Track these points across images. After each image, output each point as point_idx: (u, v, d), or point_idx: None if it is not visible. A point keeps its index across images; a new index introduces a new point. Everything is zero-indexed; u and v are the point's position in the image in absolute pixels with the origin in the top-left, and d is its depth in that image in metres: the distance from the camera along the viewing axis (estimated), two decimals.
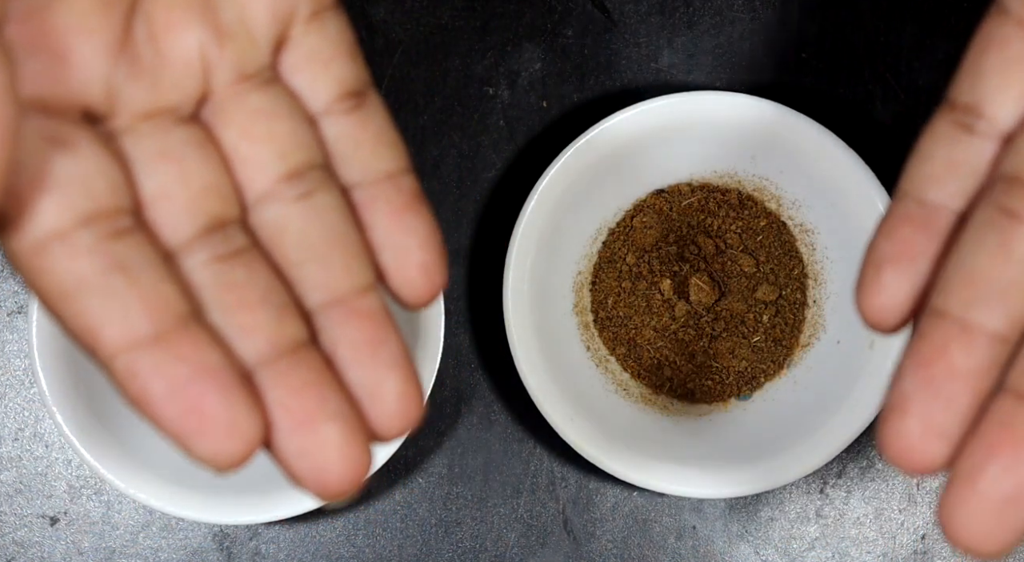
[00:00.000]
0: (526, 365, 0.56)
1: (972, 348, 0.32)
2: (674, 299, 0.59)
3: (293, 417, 0.31)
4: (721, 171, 0.59)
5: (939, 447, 0.31)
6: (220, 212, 0.32)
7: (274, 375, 0.31)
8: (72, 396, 0.55)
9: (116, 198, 0.31)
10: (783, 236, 0.59)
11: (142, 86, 0.32)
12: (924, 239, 0.33)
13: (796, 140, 0.57)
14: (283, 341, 0.31)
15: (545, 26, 0.61)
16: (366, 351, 0.32)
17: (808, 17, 0.61)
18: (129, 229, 0.31)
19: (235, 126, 0.33)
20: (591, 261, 0.60)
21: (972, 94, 0.34)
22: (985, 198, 0.33)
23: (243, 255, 0.32)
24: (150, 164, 0.32)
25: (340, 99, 0.34)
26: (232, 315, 0.31)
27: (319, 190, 0.33)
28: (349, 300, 0.32)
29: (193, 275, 0.32)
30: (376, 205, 0.33)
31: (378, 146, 0.34)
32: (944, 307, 0.32)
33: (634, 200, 0.60)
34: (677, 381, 0.59)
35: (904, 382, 0.32)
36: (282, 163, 0.33)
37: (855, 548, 0.60)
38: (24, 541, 0.60)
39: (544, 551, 0.60)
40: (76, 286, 0.30)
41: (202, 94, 0.33)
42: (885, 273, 0.33)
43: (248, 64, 0.33)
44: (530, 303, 0.57)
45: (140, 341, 0.30)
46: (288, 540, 0.60)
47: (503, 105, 0.61)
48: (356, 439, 0.31)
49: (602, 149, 0.57)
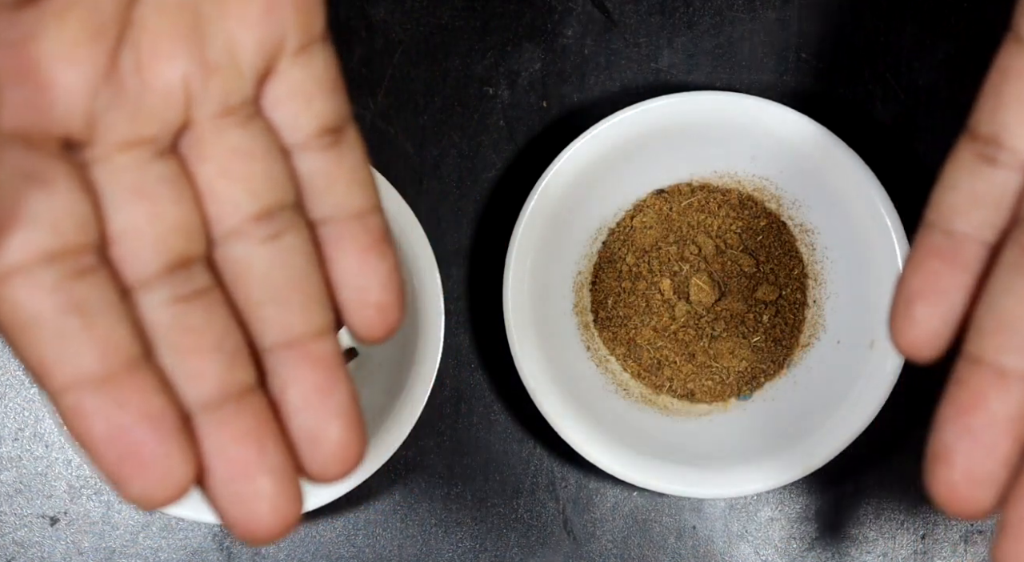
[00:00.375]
0: (526, 365, 0.56)
1: (1008, 394, 0.32)
2: (674, 299, 0.59)
3: (230, 466, 0.32)
4: (721, 171, 0.59)
5: (985, 493, 0.32)
6: (186, 250, 0.32)
7: (216, 422, 0.32)
8: None
9: (83, 236, 0.31)
10: (783, 236, 0.59)
11: (122, 116, 0.32)
12: (953, 272, 0.34)
13: (796, 140, 0.57)
14: (230, 387, 0.32)
15: (545, 26, 0.61)
16: (314, 398, 0.33)
17: (808, 17, 0.61)
18: (92, 268, 0.31)
19: (212, 163, 0.33)
20: (591, 261, 0.60)
21: (992, 125, 0.34)
22: (1012, 239, 0.33)
23: (203, 296, 0.32)
24: (122, 200, 0.32)
25: (318, 135, 0.34)
26: (184, 359, 0.32)
27: (287, 232, 0.33)
28: (303, 343, 0.33)
29: (151, 314, 0.32)
30: (342, 243, 0.34)
31: (351, 184, 0.34)
32: (978, 353, 0.33)
33: (634, 200, 0.60)
34: (677, 381, 0.59)
35: (945, 432, 0.33)
36: (254, 203, 0.33)
37: (855, 548, 0.60)
38: (24, 541, 0.60)
39: (544, 551, 0.60)
40: (32, 322, 0.31)
41: (182, 124, 0.33)
42: (916, 308, 0.34)
43: (231, 96, 0.33)
44: (530, 303, 0.57)
45: (87, 381, 0.31)
46: (288, 540, 0.60)
47: (503, 105, 0.61)
48: (290, 492, 0.32)
49: (602, 149, 0.57)
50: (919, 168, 0.60)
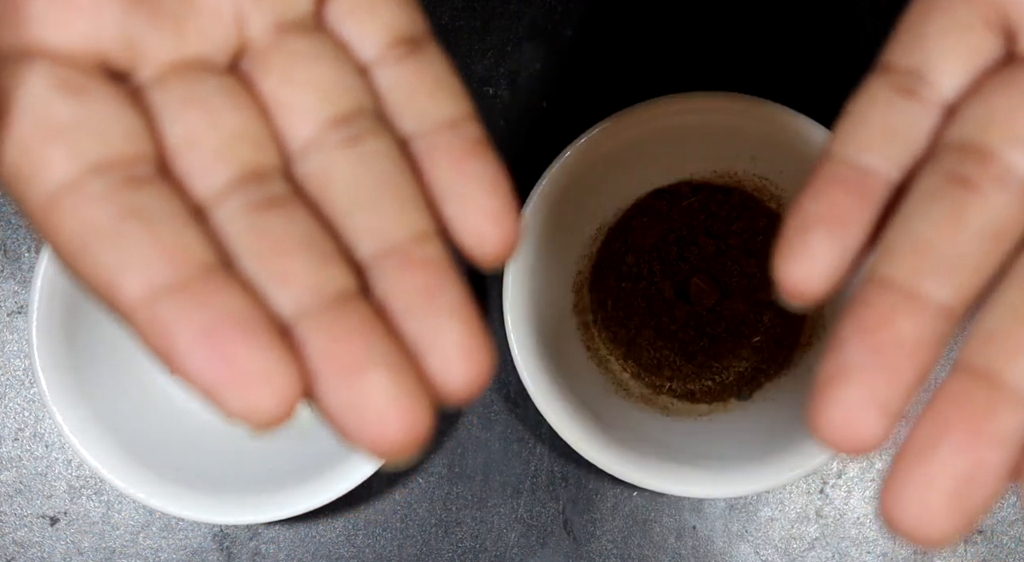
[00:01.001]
0: (526, 365, 0.56)
1: (920, 318, 0.29)
2: (674, 299, 0.59)
3: (337, 365, 0.28)
4: (721, 171, 0.59)
5: (880, 421, 0.29)
6: (256, 161, 0.30)
7: (316, 325, 0.28)
8: (72, 396, 0.55)
9: (134, 145, 0.29)
10: None
11: (167, 36, 0.30)
12: (857, 203, 0.31)
13: (796, 140, 0.57)
14: (327, 291, 0.29)
15: (545, 26, 0.61)
16: (421, 300, 0.29)
17: (808, 17, 0.61)
18: (150, 177, 0.29)
19: (275, 72, 0.30)
20: (591, 261, 0.60)
21: (913, 58, 0.32)
22: (931, 165, 0.31)
23: (282, 203, 0.29)
24: (175, 110, 0.30)
25: (392, 46, 0.31)
26: (267, 262, 0.29)
27: (368, 135, 0.30)
28: (403, 249, 0.29)
29: (225, 226, 0.29)
30: (435, 155, 0.31)
31: (436, 92, 0.31)
32: (889, 274, 0.30)
33: (634, 200, 0.60)
34: (677, 381, 0.60)
35: (844, 350, 0.29)
36: (327, 108, 0.30)
37: (855, 548, 0.60)
38: (24, 541, 0.60)
39: (544, 551, 0.60)
40: (91, 236, 0.28)
41: (238, 45, 0.31)
42: (813, 236, 0.30)
43: (287, 13, 0.31)
44: (530, 303, 0.57)
45: (161, 290, 0.28)
46: (288, 540, 0.60)
47: (503, 105, 0.61)
48: (410, 389, 0.28)
49: (602, 149, 0.57)
50: None
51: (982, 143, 0.31)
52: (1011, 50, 0.32)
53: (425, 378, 0.29)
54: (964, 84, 0.32)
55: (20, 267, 0.61)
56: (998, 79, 0.32)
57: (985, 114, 0.31)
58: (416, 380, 0.28)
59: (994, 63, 0.32)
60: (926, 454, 0.29)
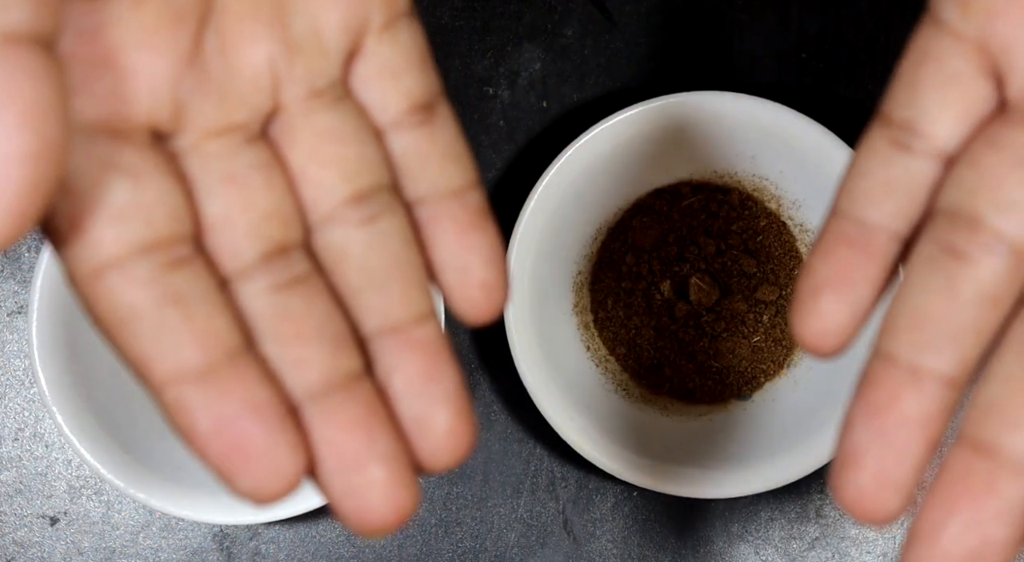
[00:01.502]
0: (526, 365, 0.56)
1: (923, 395, 0.31)
2: (674, 299, 0.59)
3: (340, 456, 0.31)
4: (721, 171, 0.59)
5: (895, 498, 0.31)
6: (282, 238, 0.32)
7: (324, 411, 0.31)
8: (72, 396, 0.55)
9: (176, 226, 0.31)
10: (783, 236, 0.59)
11: (210, 102, 0.32)
12: (863, 261, 0.32)
13: (796, 140, 0.57)
14: (336, 375, 0.31)
15: (545, 26, 0.61)
16: (419, 384, 0.32)
17: (808, 17, 0.61)
18: (187, 259, 0.31)
19: (303, 147, 0.32)
20: (591, 261, 0.60)
21: (908, 111, 0.33)
22: (927, 233, 0.32)
23: (302, 283, 0.32)
24: (214, 188, 0.31)
25: (409, 112, 0.33)
26: (286, 347, 0.31)
27: (384, 214, 0.32)
28: (405, 329, 0.32)
29: (250, 303, 0.31)
30: (440, 223, 0.33)
31: (445, 161, 0.33)
32: (893, 351, 0.31)
33: (634, 200, 0.60)
34: (677, 381, 0.60)
35: (855, 432, 0.31)
36: (348, 186, 0.32)
37: (855, 548, 0.60)
38: (24, 541, 0.60)
39: (544, 551, 0.60)
40: (130, 316, 0.30)
41: (271, 109, 0.32)
42: (823, 298, 0.32)
43: (319, 78, 0.32)
44: (530, 303, 0.57)
45: (190, 374, 0.30)
46: (288, 540, 0.60)
47: (503, 105, 0.61)
48: (403, 480, 0.31)
49: (602, 149, 0.57)
50: None
51: (971, 210, 0.32)
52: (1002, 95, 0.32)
53: (414, 460, 0.32)
54: (959, 134, 0.32)
55: (20, 267, 0.61)
56: (985, 139, 0.32)
57: (972, 179, 0.32)
58: (409, 468, 0.31)
59: (987, 110, 0.32)
60: (935, 534, 0.30)
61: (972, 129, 0.32)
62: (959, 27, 0.32)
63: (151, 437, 0.56)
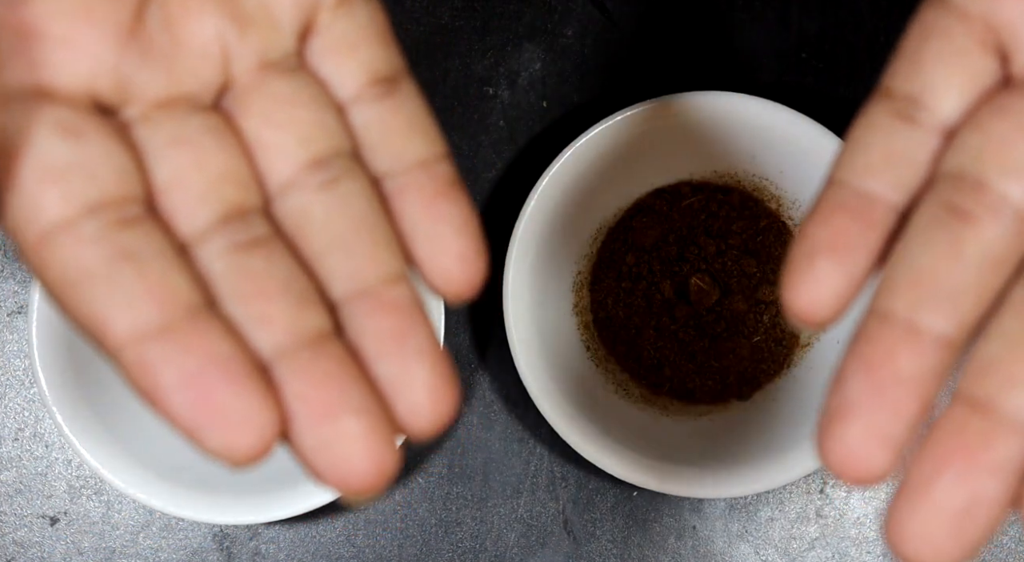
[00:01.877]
0: (526, 365, 0.56)
1: (920, 352, 0.30)
2: (674, 299, 0.59)
3: (312, 409, 0.29)
4: (721, 171, 0.59)
5: (884, 455, 0.30)
6: (239, 200, 0.31)
7: (293, 367, 0.30)
8: (72, 396, 0.55)
9: (125, 186, 0.30)
10: (783, 236, 0.59)
11: (156, 74, 0.31)
12: (861, 229, 0.31)
13: (796, 140, 0.57)
14: (304, 332, 0.30)
15: (545, 26, 0.61)
16: (393, 343, 0.30)
17: (808, 17, 0.61)
18: (139, 218, 0.30)
19: (256, 113, 0.32)
20: (591, 261, 0.60)
21: (912, 84, 0.33)
22: (930, 195, 0.32)
23: (263, 244, 0.31)
24: (163, 150, 0.31)
25: (369, 85, 0.32)
26: (248, 304, 0.30)
27: (344, 177, 0.31)
28: (376, 291, 0.31)
29: (209, 265, 0.30)
30: (407, 194, 0.32)
31: (410, 133, 0.32)
32: (890, 308, 0.31)
33: (634, 200, 0.60)
34: (677, 381, 0.59)
35: (847, 386, 0.30)
36: (305, 150, 0.31)
37: (855, 548, 0.60)
38: (24, 541, 0.60)
39: (544, 551, 0.60)
40: (81, 276, 0.29)
41: (222, 82, 0.32)
42: (819, 263, 0.31)
43: (271, 51, 0.32)
44: (530, 303, 0.57)
45: (148, 332, 0.29)
46: (288, 540, 0.60)
47: (503, 105, 0.61)
48: (380, 433, 0.30)
49: (602, 149, 0.57)
50: None
51: (977, 173, 0.31)
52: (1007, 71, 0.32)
53: (393, 419, 0.30)
54: (963, 108, 0.32)
55: (20, 267, 0.61)
56: (992, 106, 0.32)
57: (979, 143, 0.32)
58: (386, 423, 0.30)
59: (992, 85, 0.32)
60: (926, 486, 0.30)
61: (976, 103, 0.32)
62: (964, 5, 0.33)
63: (151, 437, 0.56)
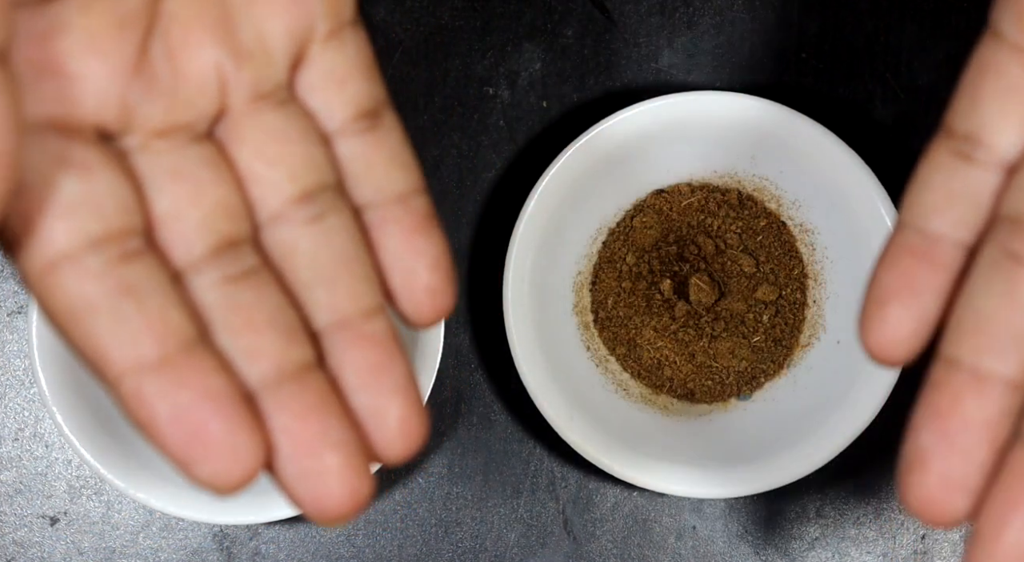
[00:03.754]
0: (526, 365, 0.56)
1: (986, 398, 0.32)
2: (674, 299, 0.59)
3: (295, 443, 0.31)
4: (721, 171, 0.59)
5: (960, 500, 0.32)
6: (231, 231, 0.32)
7: (278, 399, 0.32)
8: (72, 396, 0.55)
9: (127, 219, 0.31)
10: (783, 236, 0.59)
11: (158, 104, 0.32)
12: (928, 271, 0.33)
13: (796, 140, 0.57)
14: (289, 364, 0.32)
15: (545, 26, 0.61)
16: (370, 377, 0.32)
17: (808, 17, 0.61)
18: (139, 251, 0.31)
19: (249, 146, 0.33)
20: (591, 261, 0.60)
21: (970, 122, 0.33)
22: (990, 239, 0.33)
23: (253, 276, 0.32)
24: (163, 183, 0.32)
25: (355, 119, 0.34)
26: (239, 337, 0.32)
27: (330, 212, 0.33)
28: (355, 324, 0.33)
29: (202, 295, 0.32)
30: (386, 226, 0.34)
31: (391, 167, 0.34)
32: (956, 355, 0.32)
33: (634, 200, 0.60)
34: (677, 381, 0.59)
35: (920, 435, 0.32)
36: (294, 184, 0.33)
37: (855, 548, 0.60)
38: (24, 541, 0.60)
39: (544, 551, 0.60)
40: (84, 308, 0.31)
41: (218, 111, 0.33)
42: (889, 308, 0.33)
43: (264, 83, 0.33)
44: (530, 303, 0.57)
45: (146, 365, 0.31)
46: (288, 540, 0.60)
47: (503, 105, 0.61)
48: (357, 465, 0.32)
49: (602, 149, 0.57)
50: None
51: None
52: None
53: (369, 449, 0.32)
54: (1021, 142, 0.33)
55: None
56: None
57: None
58: (362, 455, 0.32)
59: None
60: (997, 533, 0.31)
61: None
62: (1018, 40, 0.33)
63: None
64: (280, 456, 0.31)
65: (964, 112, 0.34)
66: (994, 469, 0.32)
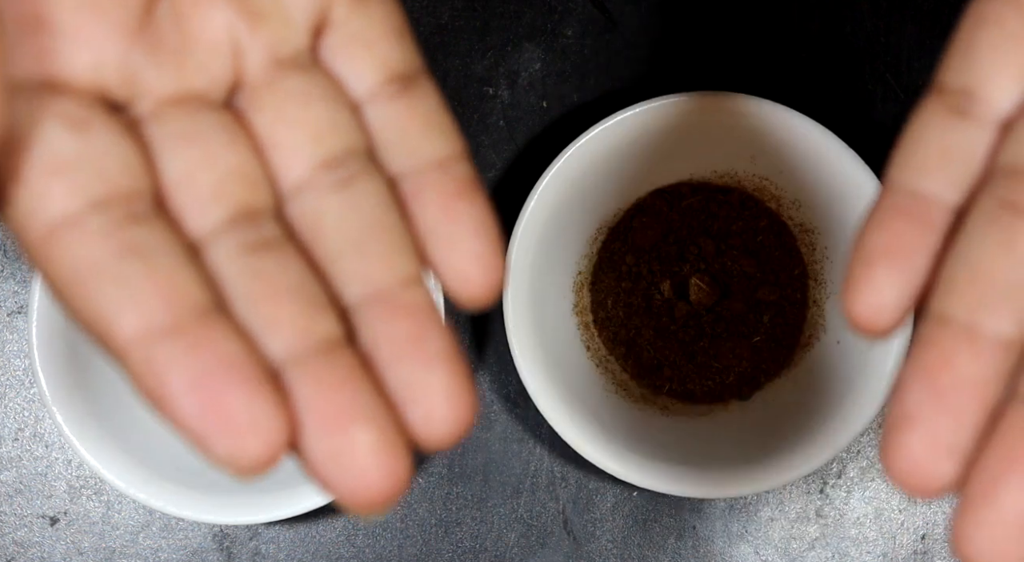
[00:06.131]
0: (526, 365, 0.56)
1: (980, 356, 0.29)
2: (674, 299, 0.59)
3: (322, 417, 0.28)
4: (721, 171, 0.59)
5: (947, 465, 0.29)
6: (250, 200, 0.30)
7: (303, 374, 0.29)
8: (72, 396, 0.55)
9: (133, 181, 0.29)
10: (783, 236, 0.59)
11: (166, 70, 0.30)
12: (919, 233, 0.30)
13: (796, 140, 0.57)
14: (315, 337, 0.29)
15: (545, 26, 0.61)
16: (409, 347, 0.29)
17: (808, 17, 0.61)
18: (147, 214, 0.29)
19: (268, 110, 0.31)
20: (591, 261, 0.60)
21: (965, 76, 0.31)
22: (985, 191, 0.30)
23: (274, 246, 0.30)
24: (172, 146, 0.30)
25: (386, 83, 0.31)
26: (259, 308, 0.29)
27: (359, 177, 0.30)
28: (390, 294, 0.30)
29: (218, 266, 0.29)
30: (424, 194, 0.31)
31: (427, 133, 0.31)
32: (948, 311, 0.30)
33: (634, 200, 0.60)
34: (677, 381, 0.59)
35: (907, 394, 0.29)
36: (318, 149, 0.30)
37: (855, 548, 0.60)
38: (24, 541, 0.60)
39: (544, 551, 0.60)
40: (87, 272, 0.28)
41: (234, 80, 0.31)
42: (878, 270, 0.30)
43: (283, 47, 0.31)
44: (530, 303, 0.57)
45: (156, 332, 0.28)
46: (288, 540, 0.60)
47: (503, 105, 0.61)
48: (392, 444, 0.28)
49: (602, 149, 0.57)
50: None
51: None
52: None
53: (406, 429, 0.29)
54: (1019, 97, 0.31)
55: (20, 267, 0.61)
56: None
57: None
58: (398, 434, 0.29)
59: None
60: (991, 493, 0.29)
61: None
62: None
63: (151, 437, 0.56)
64: (306, 433, 0.28)
65: (957, 67, 0.31)
66: (985, 433, 0.29)
